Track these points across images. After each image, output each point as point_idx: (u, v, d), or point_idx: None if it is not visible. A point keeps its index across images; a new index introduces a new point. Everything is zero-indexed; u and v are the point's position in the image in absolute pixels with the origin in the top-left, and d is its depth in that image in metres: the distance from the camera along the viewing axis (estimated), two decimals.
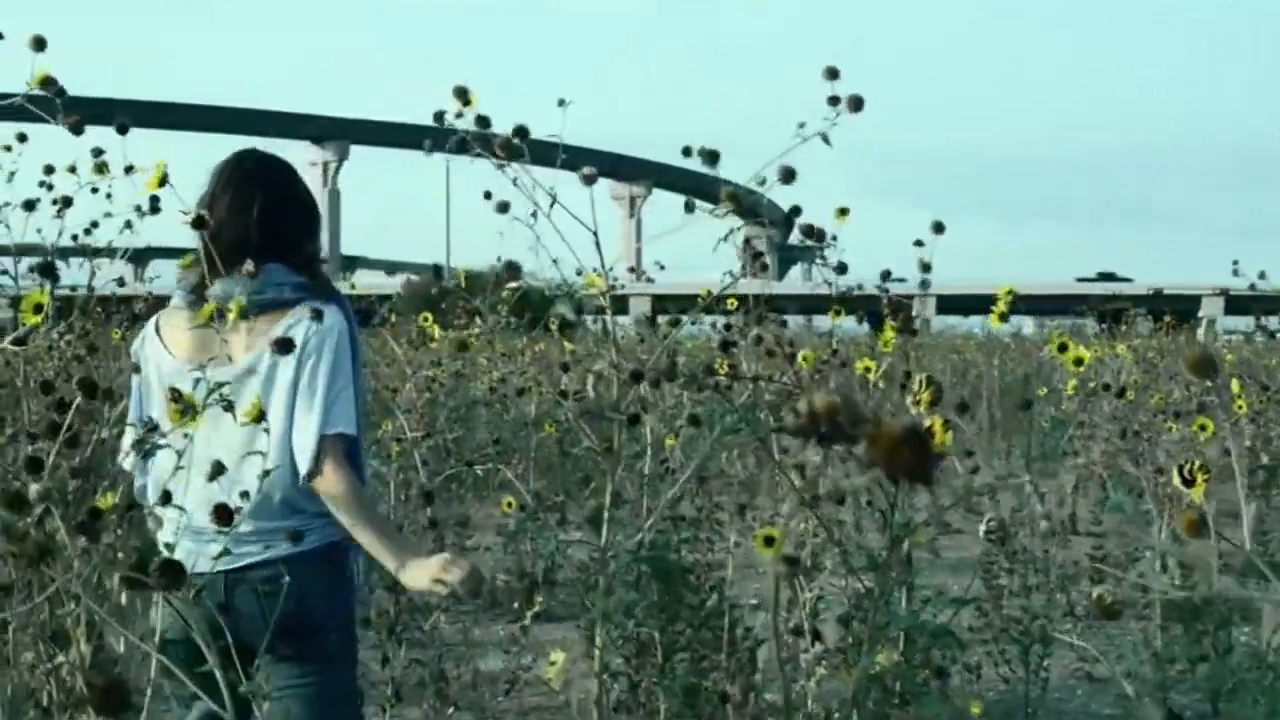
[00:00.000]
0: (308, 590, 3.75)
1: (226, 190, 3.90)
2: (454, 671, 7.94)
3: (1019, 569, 8.47)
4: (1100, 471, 12.32)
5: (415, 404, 8.64)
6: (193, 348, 3.82)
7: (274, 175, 4.02)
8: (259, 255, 3.68)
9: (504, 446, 10.96)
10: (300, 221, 4.02)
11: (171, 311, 3.98)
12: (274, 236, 3.86)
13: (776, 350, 4.34)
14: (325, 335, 3.82)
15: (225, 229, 3.82)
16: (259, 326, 3.77)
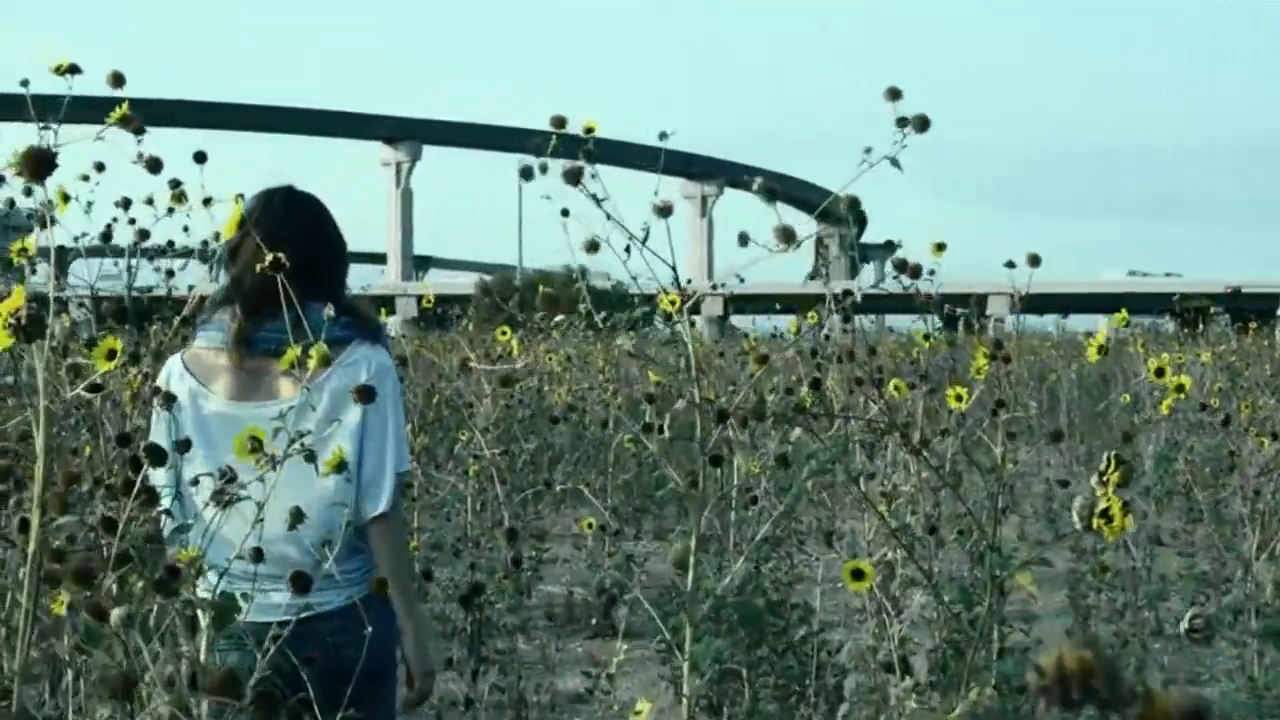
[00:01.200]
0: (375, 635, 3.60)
1: (257, 229, 3.77)
2: (534, 697, 7.87)
3: (1107, 588, 8.32)
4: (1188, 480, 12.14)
5: (491, 420, 8.55)
6: (238, 388, 3.78)
7: (305, 215, 3.96)
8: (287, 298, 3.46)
9: (582, 459, 10.90)
10: (332, 261, 3.97)
11: (200, 352, 3.88)
12: (307, 278, 3.72)
13: (864, 377, 4.20)
14: (384, 373, 3.83)
15: (250, 271, 3.71)
16: (308, 365, 3.53)
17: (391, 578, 3.78)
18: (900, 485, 5.03)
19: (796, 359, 20.90)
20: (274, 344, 3.57)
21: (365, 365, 3.80)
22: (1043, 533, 13.02)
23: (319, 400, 3.69)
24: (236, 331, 3.77)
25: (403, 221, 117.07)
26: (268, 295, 3.53)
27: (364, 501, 3.79)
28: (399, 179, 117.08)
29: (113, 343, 2.86)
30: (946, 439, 5.08)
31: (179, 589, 2.68)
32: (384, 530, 3.83)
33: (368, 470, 3.80)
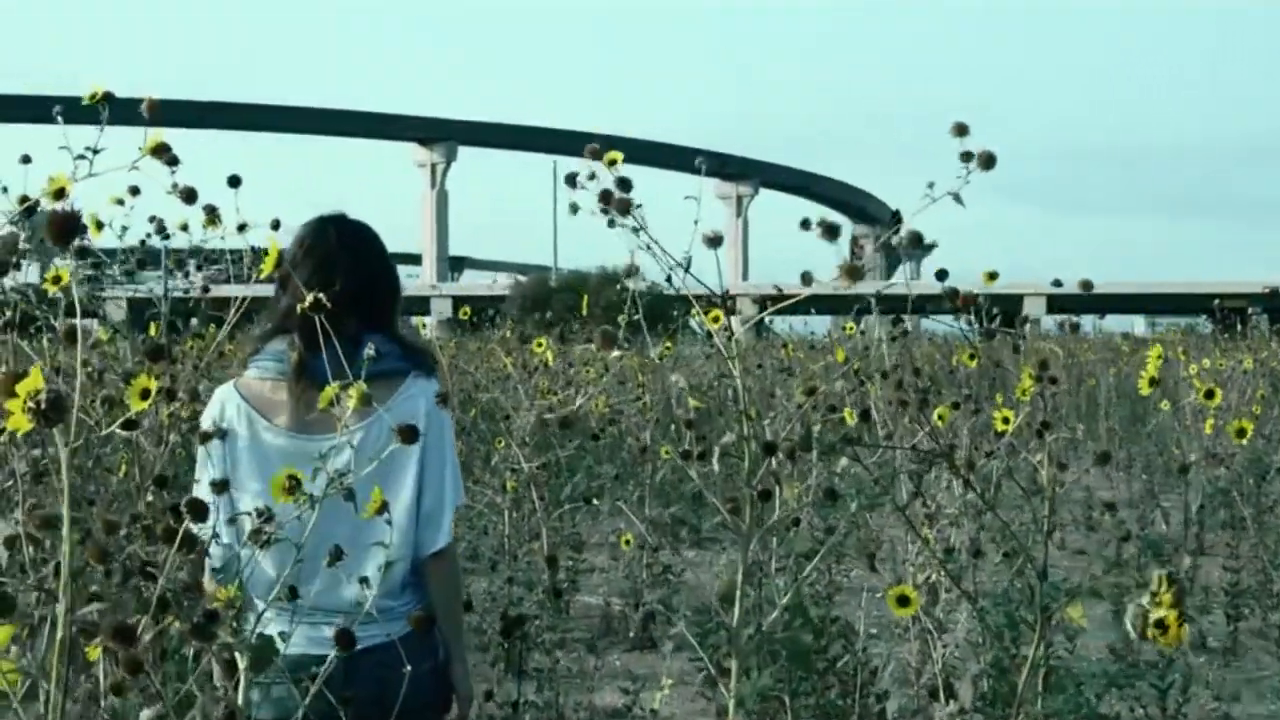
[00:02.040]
0: (423, 668, 3.75)
1: (308, 260, 3.82)
2: (573, 715, 7.81)
3: None
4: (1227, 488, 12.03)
5: (528, 432, 8.50)
6: (299, 420, 3.76)
7: (359, 245, 3.93)
8: (345, 327, 3.58)
9: (620, 473, 10.86)
10: (385, 289, 3.94)
11: (255, 381, 3.84)
12: (360, 308, 3.78)
13: (908, 399, 4.13)
14: (441, 409, 3.82)
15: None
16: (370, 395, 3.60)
17: (446, 611, 3.83)
18: (945, 506, 4.97)
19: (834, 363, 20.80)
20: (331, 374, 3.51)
21: (424, 399, 3.80)
22: (1082, 541, 12.92)
23: (380, 433, 3.65)
24: (296, 363, 3.74)
25: (437, 222, 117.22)
26: (323, 326, 3.52)
27: (423, 536, 3.81)
28: (434, 180, 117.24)
29: (147, 381, 2.81)
30: (992, 460, 5.03)
31: (216, 633, 2.64)
32: (441, 565, 3.85)
33: (427, 505, 3.80)
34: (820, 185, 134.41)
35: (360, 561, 3.43)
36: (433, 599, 3.83)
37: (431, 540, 3.80)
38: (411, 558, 3.80)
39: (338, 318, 3.56)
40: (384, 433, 3.65)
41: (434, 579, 3.84)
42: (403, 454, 3.69)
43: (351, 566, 3.40)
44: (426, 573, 3.84)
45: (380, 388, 3.66)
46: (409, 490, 3.77)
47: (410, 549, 3.79)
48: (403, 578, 3.80)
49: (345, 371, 3.39)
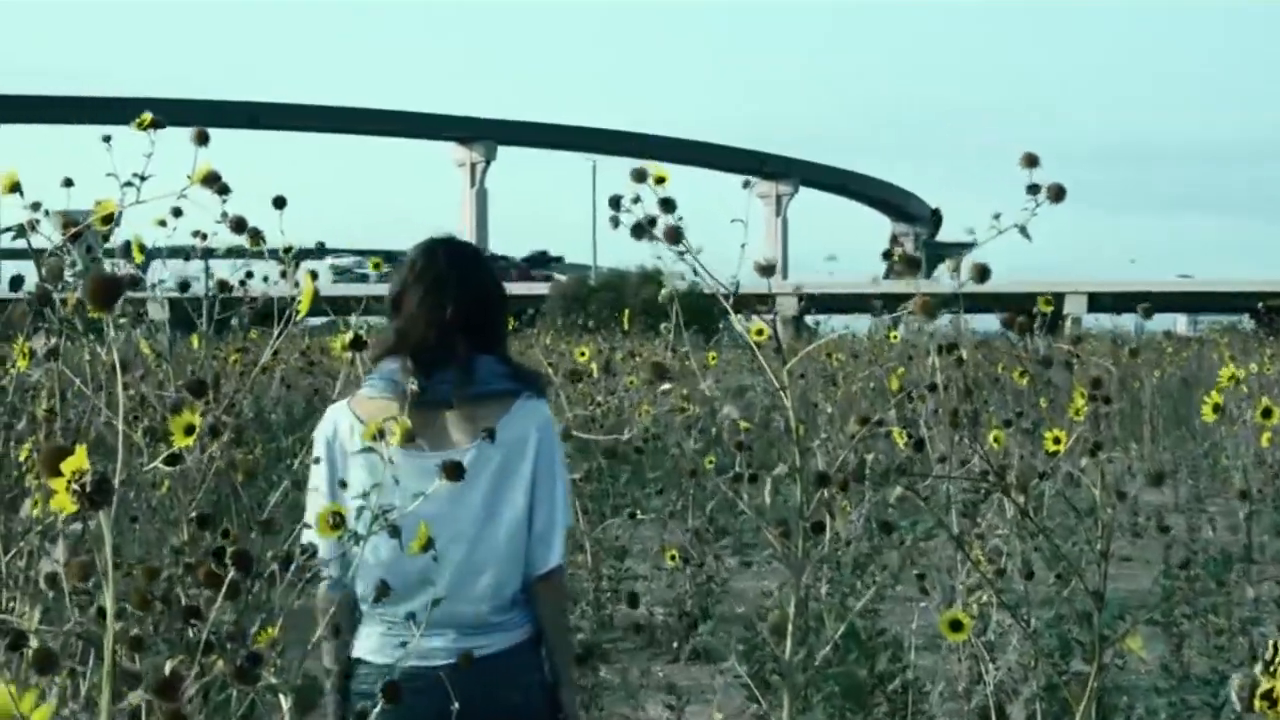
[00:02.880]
0: (530, 681, 3.86)
1: (419, 284, 3.88)
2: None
3: (1199, 614, 8.13)
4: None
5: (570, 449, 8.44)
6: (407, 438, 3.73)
7: (468, 268, 3.98)
8: (454, 350, 3.76)
9: (664, 485, 10.80)
10: (494, 312, 4.00)
11: (369, 400, 3.87)
12: (471, 331, 3.85)
13: (962, 424, 4.06)
14: (550, 427, 3.90)
15: (418, 324, 3.83)
16: (478, 416, 3.77)
17: (554, 629, 3.91)
18: (996, 527, 4.90)
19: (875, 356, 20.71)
20: (443, 395, 3.73)
21: (534, 419, 3.86)
22: (1128, 548, 12.80)
23: (494, 453, 3.76)
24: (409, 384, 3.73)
25: (477, 221, 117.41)
26: (434, 348, 3.77)
27: (533, 556, 3.86)
28: (473, 179, 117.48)
29: (191, 417, 2.77)
30: (1045, 481, 4.95)
31: (260, 676, 2.60)
32: (550, 585, 3.90)
33: (538, 525, 3.85)
34: (860, 184, 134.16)
35: (472, 578, 3.72)
36: (541, 618, 3.89)
37: (542, 560, 3.86)
38: (521, 577, 3.85)
39: (448, 340, 3.78)
40: (494, 453, 3.75)
41: (542, 599, 3.89)
42: (514, 474, 3.81)
43: (464, 582, 3.71)
44: (535, 592, 3.88)
45: (491, 409, 3.79)
46: (520, 510, 3.82)
47: (520, 568, 3.84)
48: (513, 595, 3.85)
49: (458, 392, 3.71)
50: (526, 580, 3.86)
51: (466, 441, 3.79)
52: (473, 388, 3.76)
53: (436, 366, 3.76)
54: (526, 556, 3.86)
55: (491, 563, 3.79)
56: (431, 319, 3.83)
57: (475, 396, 3.78)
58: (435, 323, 3.82)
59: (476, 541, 3.77)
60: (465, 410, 3.78)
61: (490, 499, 3.79)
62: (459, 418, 3.80)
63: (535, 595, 3.88)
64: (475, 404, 3.78)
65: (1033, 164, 3.02)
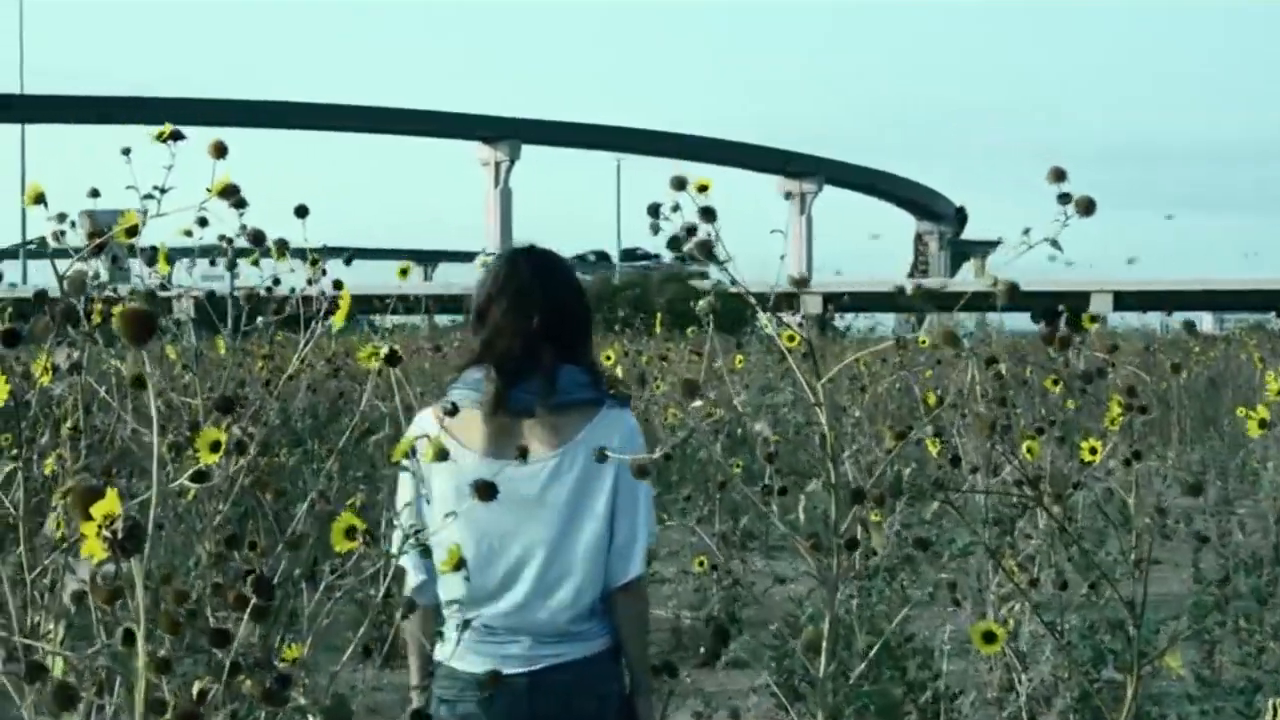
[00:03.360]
0: (607, 691, 3.88)
1: (503, 295, 3.91)
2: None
3: (1232, 620, 8.06)
4: None
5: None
6: (492, 446, 3.82)
7: (552, 277, 4.00)
8: (539, 360, 3.79)
9: (692, 491, 10.76)
10: (578, 321, 4.01)
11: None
12: (555, 340, 3.87)
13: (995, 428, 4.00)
14: (634, 437, 3.88)
15: (503, 334, 3.86)
16: (561, 425, 3.82)
17: (633, 643, 3.91)
18: (1030, 537, 4.85)
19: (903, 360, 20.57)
20: (526, 404, 3.78)
21: (617, 428, 3.85)
22: (1157, 550, 12.69)
23: (575, 462, 3.81)
24: (494, 394, 3.82)
25: (502, 220, 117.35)
26: (520, 358, 3.81)
27: (614, 567, 3.87)
28: (497, 178, 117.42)
29: (216, 434, 2.73)
30: (1080, 491, 4.90)
31: (289, 698, 2.56)
32: (630, 596, 3.90)
33: (620, 535, 3.86)
34: (885, 182, 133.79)
35: (550, 587, 3.76)
36: (620, 629, 3.90)
37: (622, 572, 3.86)
38: (601, 587, 3.86)
39: (534, 349, 3.82)
40: (578, 461, 3.80)
41: (622, 610, 3.89)
42: (596, 484, 3.82)
43: (542, 591, 3.76)
44: (615, 603, 3.89)
45: (574, 418, 3.83)
46: (601, 521, 3.83)
47: (600, 578, 3.85)
48: (591, 605, 3.86)
49: (541, 402, 3.76)
50: (606, 590, 3.87)
51: (547, 451, 3.82)
52: (555, 397, 3.78)
53: (521, 376, 3.81)
54: (606, 567, 3.86)
55: (570, 573, 3.81)
56: (517, 329, 3.85)
57: (558, 406, 3.81)
58: (521, 332, 3.84)
59: (556, 551, 3.79)
60: (548, 420, 3.81)
61: (571, 509, 3.80)
62: (541, 427, 3.82)
63: (614, 606, 3.89)
64: (558, 413, 3.81)
65: (1060, 178, 2.96)
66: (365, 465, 10.39)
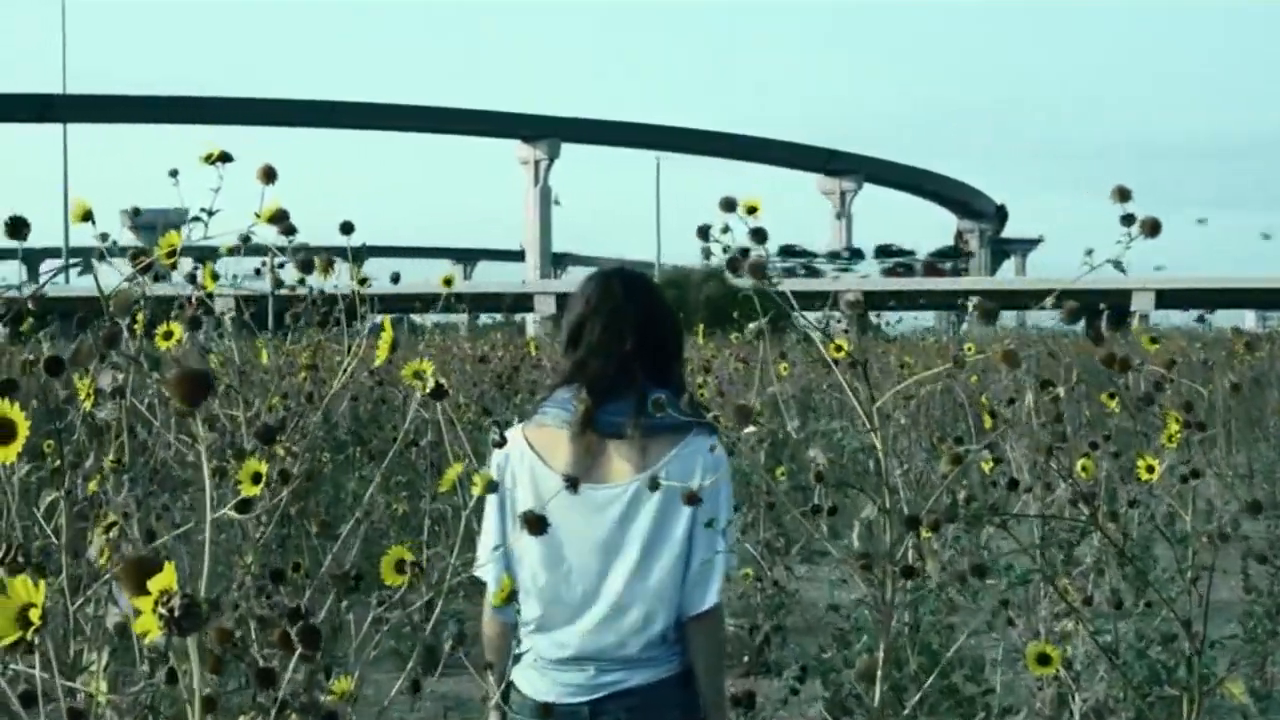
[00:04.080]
0: (672, 718, 3.86)
1: (596, 318, 3.92)
2: None
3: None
4: None
5: None
6: (577, 467, 3.79)
7: (644, 300, 4.00)
8: (631, 382, 3.80)
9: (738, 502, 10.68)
10: (669, 345, 4.01)
11: (540, 427, 3.94)
12: (649, 364, 3.88)
13: (1051, 452, 3.93)
14: (720, 466, 3.82)
15: (596, 355, 3.87)
16: (648, 449, 3.82)
17: (708, 670, 3.87)
18: (1083, 556, 4.77)
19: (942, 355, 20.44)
20: (614, 427, 3.80)
21: (702, 456, 3.82)
22: (1203, 555, 12.56)
23: None
24: (583, 414, 3.83)
25: (541, 219, 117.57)
26: (612, 379, 3.82)
27: (691, 594, 3.85)
28: (536, 176, 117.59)
29: (257, 465, 2.69)
30: (1135, 509, 4.82)
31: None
32: (704, 625, 3.87)
33: (696, 563, 3.84)
34: (925, 180, 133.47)
35: (621, 612, 3.75)
36: (693, 657, 3.87)
37: (698, 601, 3.83)
38: (674, 615, 3.83)
39: (625, 371, 3.83)
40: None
41: (696, 638, 3.86)
42: (676, 510, 3.78)
43: (613, 616, 3.76)
44: (689, 631, 3.86)
45: (661, 442, 3.83)
46: (679, 547, 3.81)
47: (674, 605, 3.83)
48: (663, 632, 3.84)
49: (630, 425, 3.76)
50: (680, 618, 3.84)
51: (631, 475, 3.82)
52: (645, 420, 3.76)
53: (611, 397, 3.82)
54: (682, 595, 3.83)
55: (642, 598, 3.79)
56: (611, 350, 3.86)
57: (647, 429, 3.80)
58: (614, 353, 3.86)
59: (633, 576, 3.78)
60: (635, 443, 3.81)
61: (650, 534, 3.79)
62: (627, 450, 3.82)
63: (688, 634, 3.86)
64: (646, 437, 3.81)
65: (1125, 198, 2.89)
66: (408, 472, 10.37)
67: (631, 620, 3.77)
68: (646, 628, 3.78)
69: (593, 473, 3.80)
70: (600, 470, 3.82)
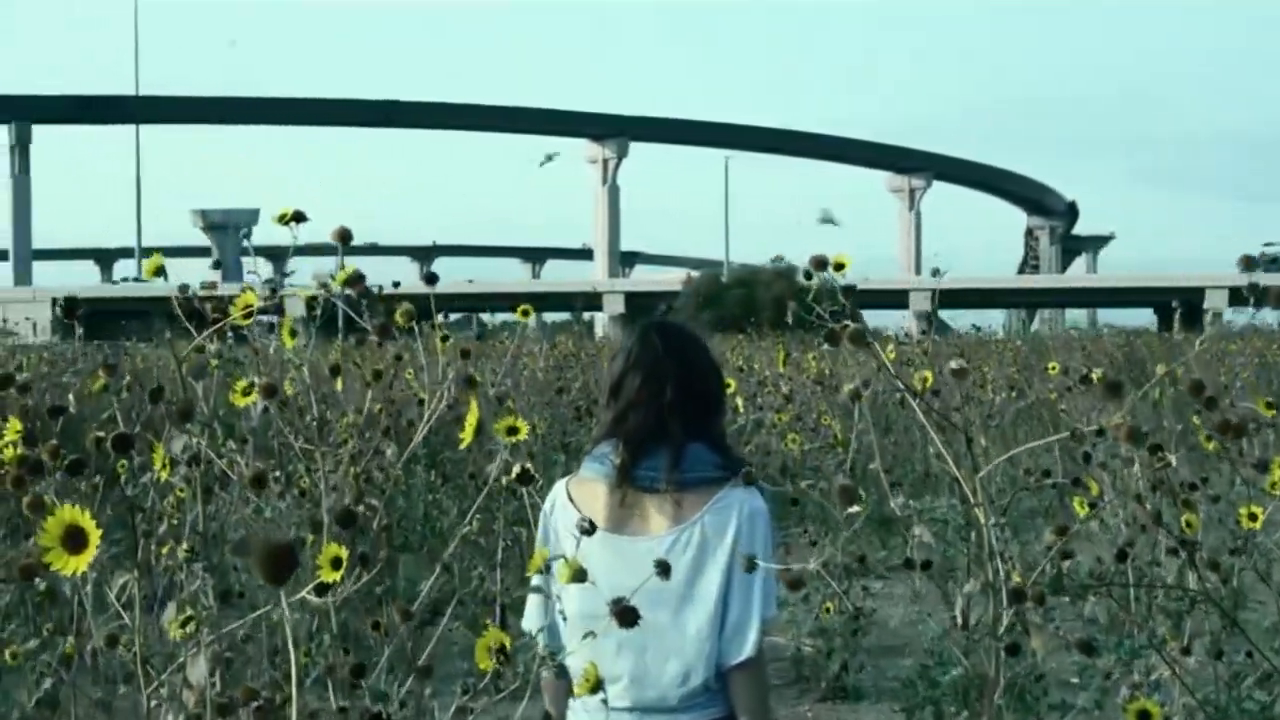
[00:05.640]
0: None
1: (637, 371, 3.90)
2: None
3: None
4: None
5: None
6: (614, 520, 3.83)
7: (685, 354, 3.98)
8: (669, 435, 3.79)
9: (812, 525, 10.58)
10: (710, 396, 3.98)
11: (583, 481, 3.94)
12: (687, 417, 3.86)
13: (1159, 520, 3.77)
14: (757, 518, 3.81)
15: (636, 408, 3.86)
16: (683, 503, 3.80)
17: (752, 716, 3.82)
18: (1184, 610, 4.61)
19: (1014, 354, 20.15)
20: (650, 480, 3.79)
21: (737, 508, 3.81)
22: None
23: (692, 540, 3.78)
24: (620, 467, 3.83)
25: (610, 217, 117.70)
26: (650, 434, 3.81)
27: (728, 646, 3.80)
28: (605, 175, 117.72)
29: (337, 550, 2.59)
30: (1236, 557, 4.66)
31: None
32: (747, 676, 3.82)
33: (734, 614, 3.80)
34: (995, 177, 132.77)
35: (660, 664, 3.74)
36: (735, 706, 3.83)
37: (736, 651, 3.78)
38: (713, 665, 3.80)
39: (664, 424, 3.81)
40: (694, 540, 3.78)
41: (736, 687, 3.82)
42: (711, 562, 3.77)
43: (652, 667, 3.74)
44: (730, 679, 3.81)
45: (697, 496, 3.80)
46: (714, 601, 3.78)
47: (713, 657, 3.79)
48: (705, 682, 3.80)
49: (666, 477, 3.76)
50: (720, 669, 3.80)
51: (667, 528, 3.81)
52: (681, 474, 3.76)
53: (649, 450, 3.81)
54: (720, 646, 3.80)
55: (679, 650, 3.76)
56: (649, 403, 3.84)
57: (682, 483, 3.79)
58: (653, 406, 3.83)
59: (668, 628, 3.75)
60: (671, 496, 3.80)
61: (686, 587, 3.76)
62: (664, 503, 3.81)
63: (729, 682, 3.82)
64: (682, 490, 3.79)
65: (1250, 267, 2.76)
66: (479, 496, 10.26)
67: (670, 673, 3.76)
68: (687, 680, 3.76)
69: (629, 525, 3.82)
70: (637, 523, 3.83)
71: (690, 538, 3.80)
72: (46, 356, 21.95)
